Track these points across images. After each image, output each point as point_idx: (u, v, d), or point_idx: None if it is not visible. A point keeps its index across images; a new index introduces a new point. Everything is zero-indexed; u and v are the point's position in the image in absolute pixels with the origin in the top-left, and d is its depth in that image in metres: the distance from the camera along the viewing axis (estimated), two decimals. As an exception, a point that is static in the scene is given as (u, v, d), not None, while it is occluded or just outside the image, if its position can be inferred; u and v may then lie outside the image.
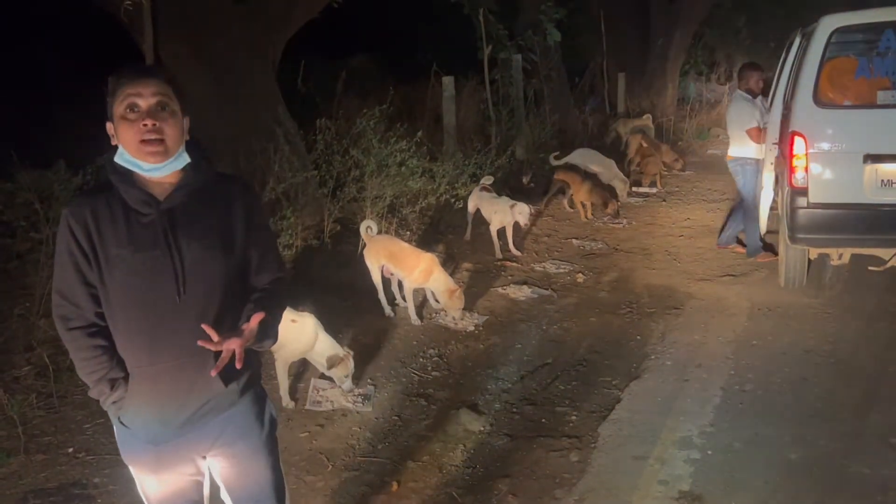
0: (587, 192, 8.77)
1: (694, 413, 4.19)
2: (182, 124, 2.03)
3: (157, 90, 1.97)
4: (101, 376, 2.04)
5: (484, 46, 11.26)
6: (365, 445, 3.98)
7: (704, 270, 6.88)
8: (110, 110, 2.00)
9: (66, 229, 1.99)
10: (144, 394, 2.05)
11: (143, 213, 2.00)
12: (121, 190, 2.01)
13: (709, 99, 18.86)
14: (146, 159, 1.97)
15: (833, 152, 5.46)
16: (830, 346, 5.07)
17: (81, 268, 1.99)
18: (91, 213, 1.98)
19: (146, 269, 1.98)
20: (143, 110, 1.95)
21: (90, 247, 1.98)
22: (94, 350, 2.03)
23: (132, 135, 1.96)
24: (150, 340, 2.02)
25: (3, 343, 4.71)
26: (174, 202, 2.02)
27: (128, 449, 2.17)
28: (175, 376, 2.04)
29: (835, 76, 5.54)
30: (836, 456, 3.71)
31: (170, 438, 2.10)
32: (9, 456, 3.72)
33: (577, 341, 5.36)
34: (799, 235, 5.62)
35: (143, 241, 1.98)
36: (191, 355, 2.02)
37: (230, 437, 2.17)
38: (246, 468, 2.22)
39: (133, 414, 2.08)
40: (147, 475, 2.17)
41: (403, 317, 5.70)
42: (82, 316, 2.03)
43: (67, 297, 2.02)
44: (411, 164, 7.56)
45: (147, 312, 2.00)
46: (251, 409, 2.22)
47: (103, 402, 2.10)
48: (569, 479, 3.62)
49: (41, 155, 6.47)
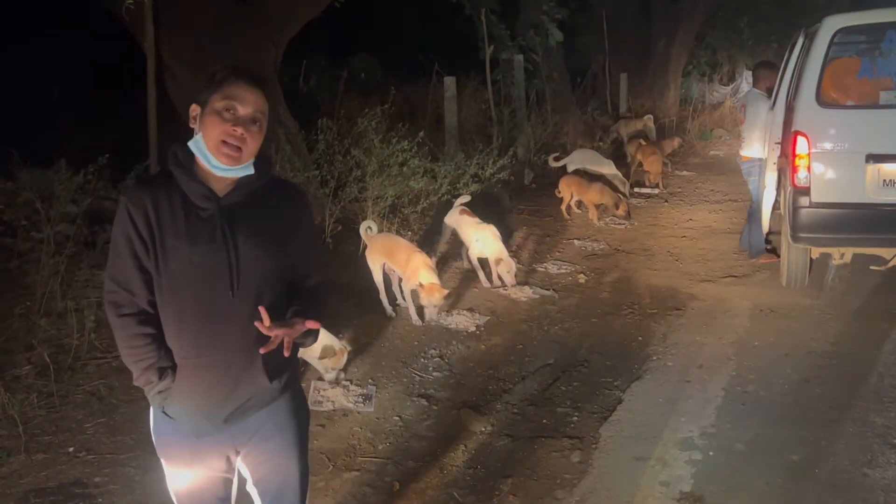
0: (597, 194, 8.65)
1: (695, 414, 4.19)
2: (262, 139, 2.07)
3: (259, 105, 2.02)
4: (150, 364, 2.05)
5: (486, 46, 11.26)
6: (366, 445, 3.98)
7: (706, 271, 6.87)
8: (205, 95, 2.02)
9: (126, 215, 2.00)
10: (191, 386, 2.07)
11: (202, 207, 2.03)
12: (181, 182, 2.03)
13: (711, 100, 18.85)
14: (220, 159, 2.01)
15: (835, 152, 5.46)
16: (832, 347, 5.06)
17: (139, 254, 2.01)
18: (151, 202, 2.00)
19: (202, 263, 2.01)
20: (238, 116, 2.00)
21: (149, 234, 2.00)
22: (144, 338, 2.04)
23: (218, 132, 1.99)
24: (200, 333, 2.04)
25: (4, 342, 4.70)
26: (233, 199, 2.06)
27: (165, 440, 2.18)
28: (222, 370, 2.07)
29: (838, 76, 5.55)
30: (838, 457, 3.70)
31: (212, 431, 2.12)
32: (9, 455, 3.72)
33: (579, 342, 5.35)
34: (801, 235, 5.62)
35: (201, 235, 2.01)
36: (239, 350, 2.06)
37: (268, 431, 2.19)
38: (278, 462, 2.24)
39: (178, 405, 2.10)
40: (180, 468, 2.18)
41: (405, 317, 5.69)
42: (134, 303, 2.04)
43: (121, 284, 2.03)
44: (413, 164, 7.56)
45: (200, 305, 2.03)
46: (290, 405, 2.25)
47: (149, 392, 2.11)
48: (570, 480, 3.61)
49: (42, 154, 6.49)
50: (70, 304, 4.95)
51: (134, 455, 3.78)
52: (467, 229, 6.58)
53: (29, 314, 4.99)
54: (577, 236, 8.16)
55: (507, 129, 11.24)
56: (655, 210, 9.47)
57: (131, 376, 2.09)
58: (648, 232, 8.39)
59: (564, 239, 8.08)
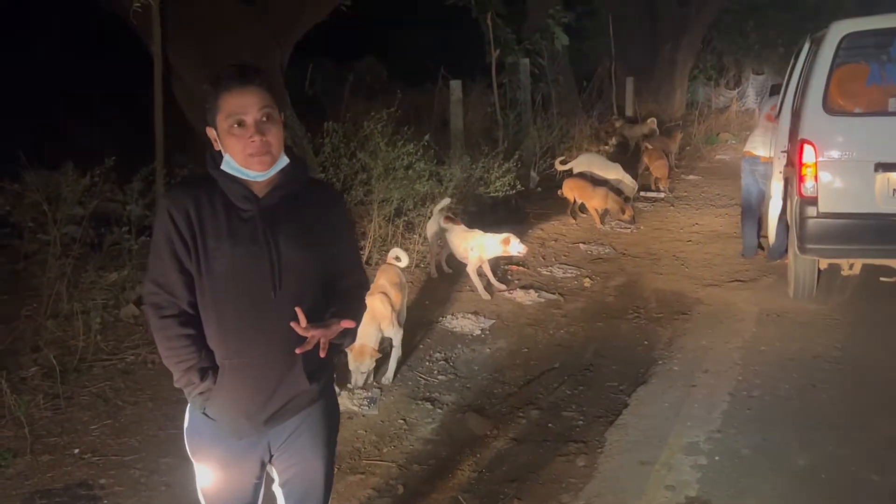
0: (602, 199, 8.61)
1: (701, 418, 4.17)
2: (282, 126, 2.06)
3: (261, 102, 1.99)
4: (191, 366, 2.05)
5: (492, 50, 11.27)
6: (371, 449, 3.97)
7: (712, 276, 6.85)
8: (212, 118, 2.02)
9: (167, 217, 2.01)
10: (232, 387, 2.07)
11: (243, 209, 2.04)
12: (221, 184, 2.04)
13: (717, 104, 18.84)
14: (255, 168, 2.01)
15: (843, 161, 5.35)
16: (839, 352, 5.04)
17: (180, 256, 2.01)
18: (193, 204, 2.01)
19: (244, 264, 2.02)
20: (249, 125, 1.98)
21: (191, 236, 2.00)
22: (185, 339, 2.04)
23: (240, 147, 1.99)
24: (242, 334, 2.05)
25: (11, 344, 4.72)
26: (272, 201, 2.06)
27: (201, 441, 2.18)
28: (263, 372, 2.08)
29: (845, 83, 5.47)
30: (844, 462, 3.69)
31: (252, 433, 2.13)
32: (15, 456, 3.73)
33: (584, 346, 5.34)
34: (808, 246, 5.49)
35: (242, 236, 2.02)
36: (280, 352, 2.05)
37: (302, 434, 2.21)
38: (307, 465, 2.26)
39: (219, 406, 2.10)
40: (214, 469, 2.18)
41: (409, 320, 5.67)
42: (175, 304, 2.04)
43: (162, 286, 2.04)
44: (418, 167, 7.56)
45: (242, 307, 2.04)
46: (324, 409, 2.26)
47: (189, 393, 2.11)
48: (575, 484, 3.60)
49: (49, 156, 6.51)
50: (76, 306, 4.97)
51: (139, 457, 3.78)
52: (456, 241, 6.34)
53: (35, 316, 5.01)
54: (583, 240, 8.15)
55: (512, 133, 11.24)
56: (661, 214, 9.46)
57: (137, 378, 2.11)
58: (654, 236, 8.38)
59: (570, 243, 8.07)
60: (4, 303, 5.37)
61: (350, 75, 11.72)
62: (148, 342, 4.93)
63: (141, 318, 5.30)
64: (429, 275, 6.72)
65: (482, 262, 6.26)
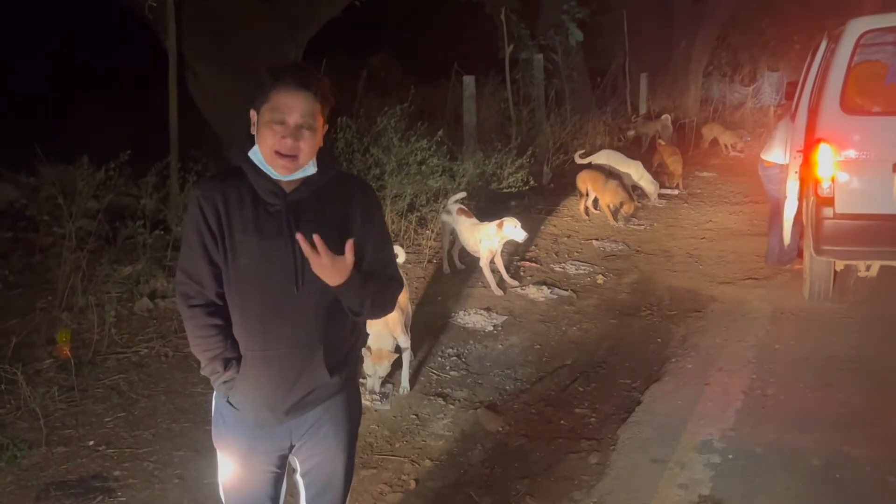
0: (613, 193, 8.56)
1: (715, 417, 4.15)
2: (319, 136, 2.08)
3: (307, 109, 2.01)
4: (216, 355, 2.11)
5: (505, 46, 11.25)
6: (383, 443, 3.98)
7: (726, 273, 6.81)
8: (259, 104, 2.04)
9: (197, 210, 2.05)
10: (255, 377, 2.11)
11: (270, 203, 2.07)
12: (250, 177, 2.07)
13: (732, 100, 18.71)
14: (276, 169, 2.05)
15: (861, 161, 5.26)
16: (854, 351, 5.00)
17: (208, 248, 2.06)
18: (222, 197, 2.05)
19: (269, 258, 2.05)
20: (288, 126, 2.01)
21: (219, 229, 2.04)
22: (212, 329, 2.09)
23: (271, 142, 2.01)
24: (265, 327, 2.08)
25: (26, 336, 4.75)
26: (300, 195, 2.08)
27: (225, 430, 2.22)
28: (285, 364, 2.11)
29: (863, 81, 5.39)
30: (859, 463, 3.66)
31: (273, 423, 2.16)
32: (30, 448, 3.75)
33: (597, 343, 5.33)
34: (825, 247, 5.41)
35: (269, 230, 2.05)
36: (302, 345, 2.10)
37: (324, 426, 2.23)
38: (328, 456, 2.28)
39: (242, 396, 2.14)
40: (235, 459, 2.21)
41: (421, 315, 5.69)
42: (203, 294, 2.09)
43: (192, 276, 2.09)
44: (431, 162, 7.56)
45: (265, 299, 2.07)
46: (346, 402, 2.28)
47: (214, 381, 2.16)
48: (587, 482, 3.60)
49: (64, 150, 6.55)
50: (91, 299, 5.01)
51: (153, 449, 3.80)
52: (466, 234, 6.31)
53: (50, 308, 5.05)
54: (596, 236, 8.12)
55: (525, 129, 11.22)
56: (675, 211, 9.40)
57: (150, 371, 2.12)
58: (668, 233, 8.34)
59: (583, 239, 8.04)
60: (20, 295, 5.41)
61: (364, 71, 11.70)
62: (162, 336, 4.96)
63: (155, 311, 5.33)
64: (441, 270, 6.72)
65: (493, 255, 6.21)
